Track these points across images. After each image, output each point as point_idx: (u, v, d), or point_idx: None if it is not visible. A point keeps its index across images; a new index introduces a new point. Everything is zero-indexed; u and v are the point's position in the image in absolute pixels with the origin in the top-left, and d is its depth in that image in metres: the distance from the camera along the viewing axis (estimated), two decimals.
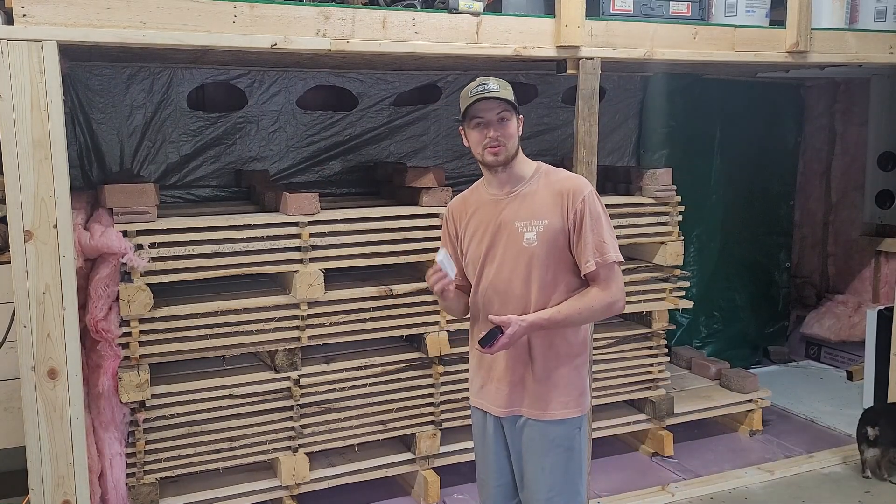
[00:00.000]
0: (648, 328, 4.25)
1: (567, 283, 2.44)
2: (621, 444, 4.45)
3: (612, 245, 2.42)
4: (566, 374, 2.48)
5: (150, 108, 4.03)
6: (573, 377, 2.50)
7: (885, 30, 4.04)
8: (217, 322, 3.33)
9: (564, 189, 2.42)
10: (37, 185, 2.59)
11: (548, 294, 2.42)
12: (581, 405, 2.51)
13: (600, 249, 2.39)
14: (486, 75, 2.45)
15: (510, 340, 2.36)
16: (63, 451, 2.74)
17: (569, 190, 2.42)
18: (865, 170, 5.70)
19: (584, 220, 2.39)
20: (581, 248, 2.40)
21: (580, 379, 2.52)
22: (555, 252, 2.42)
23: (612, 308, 2.45)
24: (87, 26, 2.62)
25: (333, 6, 2.99)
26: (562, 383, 2.47)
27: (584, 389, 2.53)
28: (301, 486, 3.56)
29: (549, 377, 2.47)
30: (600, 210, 2.44)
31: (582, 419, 2.53)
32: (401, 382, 3.72)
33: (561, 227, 2.41)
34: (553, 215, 2.41)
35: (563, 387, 2.47)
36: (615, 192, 4.30)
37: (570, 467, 2.50)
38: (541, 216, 2.42)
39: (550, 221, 2.41)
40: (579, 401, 2.51)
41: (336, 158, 4.44)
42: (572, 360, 2.49)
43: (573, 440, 2.50)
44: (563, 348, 2.48)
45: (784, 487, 3.97)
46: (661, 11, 3.59)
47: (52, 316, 2.67)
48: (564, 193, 2.42)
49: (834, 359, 5.83)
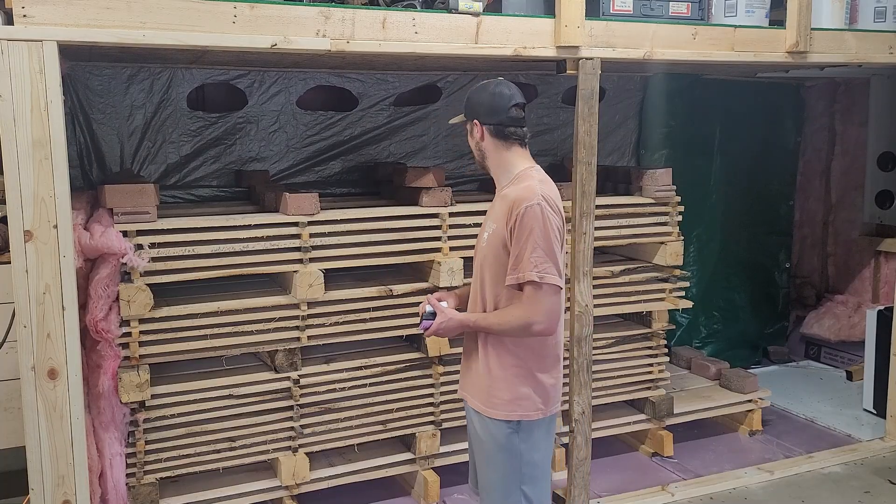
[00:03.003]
0: (648, 328, 4.25)
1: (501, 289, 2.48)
2: (621, 445, 4.45)
3: (538, 264, 2.37)
4: (505, 375, 2.50)
5: (150, 109, 4.03)
6: (511, 381, 2.50)
7: (884, 30, 4.04)
8: (217, 322, 3.33)
9: (511, 199, 2.46)
10: (37, 185, 2.59)
11: (494, 296, 2.50)
12: (511, 410, 2.49)
13: (522, 266, 2.39)
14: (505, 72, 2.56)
15: (436, 329, 2.53)
16: (63, 451, 2.74)
17: (513, 200, 2.45)
18: (865, 170, 5.71)
19: (513, 232, 2.41)
20: (508, 261, 2.44)
21: (519, 385, 2.49)
22: (493, 257, 2.50)
23: (528, 329, 2.42)
24: (87, 26, 2.62)
25: (333, 6, 2.98)
26: (499, 384, 2.51)
27: (518, 396, 2.50)
28: (301, 486, 3.56)
29: (489, 372, 2.52)
30: (535, 226, 2.38)
31: (518, 424, 2.50)
32: (401, 382, 3.72)
33: (502, 235, 2.46)
34: (500, 222, 2.48)
35: (499, 388, 2.51)
36: (615, 192, 4.30)
37: (509, 468, 2.51)
38: (494, 220, 2.52)
39: (497, 227, 2.49)
40: (510, 405, 2.49)
41: (336, 158, 4.44)
42: (516, 364, 2.50)
43: (509, 441, 2.51)
44: (509, 349, 2.50)
45: (784, 487, 3.98)
46: (660, 11, 3.59)
47: (52, 316, 2.67)
48: (511, 203, 2.45)
49: (834, 359, 5.83)
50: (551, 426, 2.61)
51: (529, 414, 2.51)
